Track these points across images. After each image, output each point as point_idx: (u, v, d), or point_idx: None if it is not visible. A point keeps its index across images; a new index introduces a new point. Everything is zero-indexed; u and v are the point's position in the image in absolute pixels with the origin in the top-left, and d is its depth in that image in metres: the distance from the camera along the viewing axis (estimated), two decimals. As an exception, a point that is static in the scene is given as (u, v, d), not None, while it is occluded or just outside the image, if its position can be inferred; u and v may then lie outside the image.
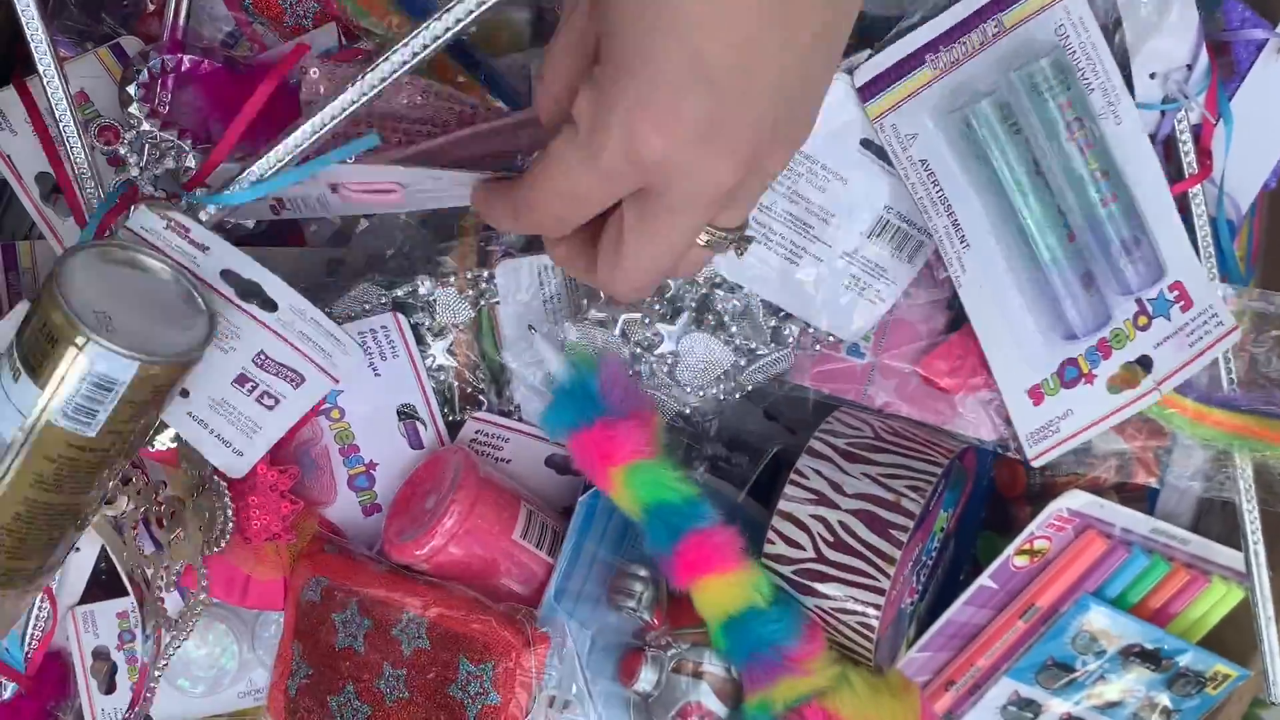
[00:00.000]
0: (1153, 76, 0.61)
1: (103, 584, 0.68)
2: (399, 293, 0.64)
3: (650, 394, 0.63)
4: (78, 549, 0.65)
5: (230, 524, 0.59)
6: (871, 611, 0.58)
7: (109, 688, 0.67)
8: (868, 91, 0.59)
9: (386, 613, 0.61)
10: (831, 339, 0.63)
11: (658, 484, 0.58)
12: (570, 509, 0.65)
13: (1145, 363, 0.62)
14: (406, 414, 0.65)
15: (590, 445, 0.59)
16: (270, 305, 0.58)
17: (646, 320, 0.62)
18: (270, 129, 0.57)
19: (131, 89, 0.59)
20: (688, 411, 0.65)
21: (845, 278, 0.61)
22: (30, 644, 0.65)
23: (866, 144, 0.60)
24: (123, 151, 0.59)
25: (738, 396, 0.64)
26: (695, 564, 0.58)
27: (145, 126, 0.59)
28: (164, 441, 0.60)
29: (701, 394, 0.63)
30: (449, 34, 0.52)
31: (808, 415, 0.66)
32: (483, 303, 0.64)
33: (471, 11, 0.52)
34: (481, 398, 0.66)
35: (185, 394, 0.57)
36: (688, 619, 0.62)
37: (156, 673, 0.62)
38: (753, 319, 0.62)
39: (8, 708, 0.65)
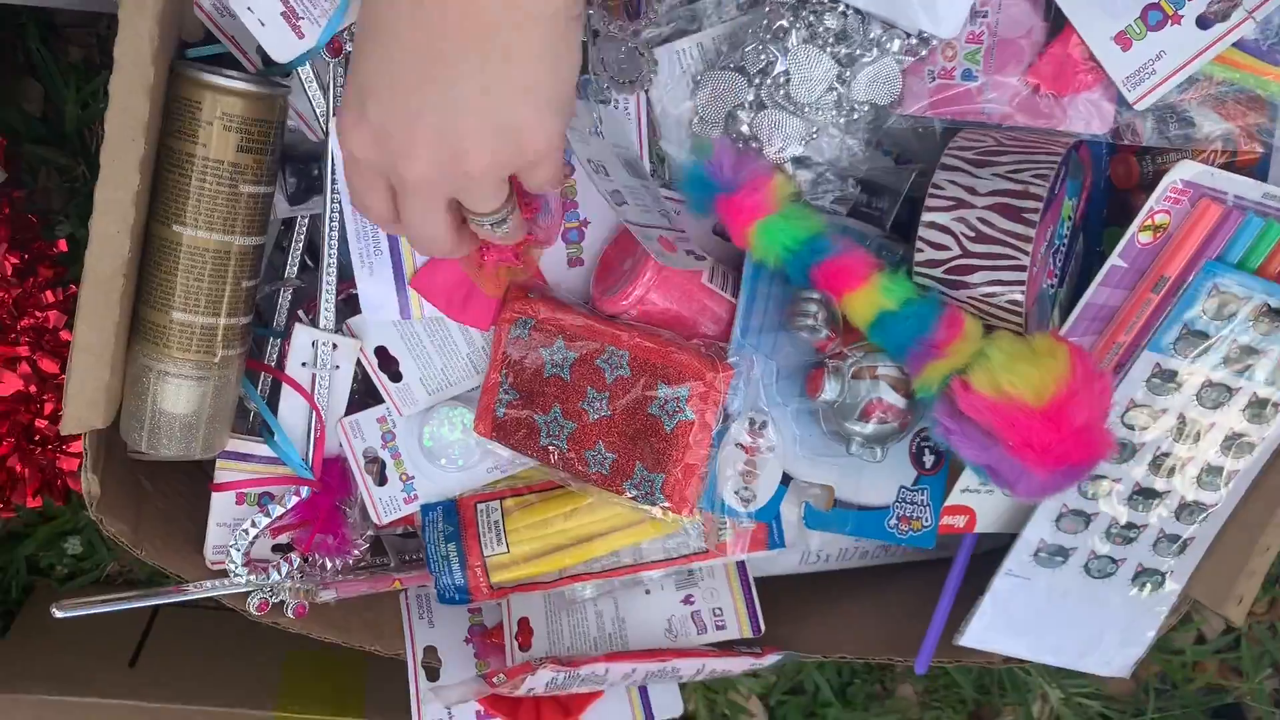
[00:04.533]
0: None
1: (355, 402, 0.80)
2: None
3: (772, 161, 0.71)
4: (336, 367, 0.76)
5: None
6: (1016, 288, 0.66)
7: (381, 480, 0.80)
8: None
9: (590, 346, 0.71)
10: (933, 41, 0.69)
11: (781, 232, 0.68)
12: (737, 267, 0.74)
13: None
14: None
15: (722, 219, 0.69)
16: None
17: (759, 47, 0.69)
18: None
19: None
20: (824, 163, 0.73)
21: None
22: (309, 455, 0.78)
23: None
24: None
25: (856, 119, 0.71)
26: (832, 288, 0.68)
27: None
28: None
29: (819, 113, 0.70)
30: None
31: (935, 147, 0.74)
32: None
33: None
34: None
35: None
36: (859, 334, 0.71)
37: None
38: (851, 31, 0.68)
39: (307, 505, 0.78)
